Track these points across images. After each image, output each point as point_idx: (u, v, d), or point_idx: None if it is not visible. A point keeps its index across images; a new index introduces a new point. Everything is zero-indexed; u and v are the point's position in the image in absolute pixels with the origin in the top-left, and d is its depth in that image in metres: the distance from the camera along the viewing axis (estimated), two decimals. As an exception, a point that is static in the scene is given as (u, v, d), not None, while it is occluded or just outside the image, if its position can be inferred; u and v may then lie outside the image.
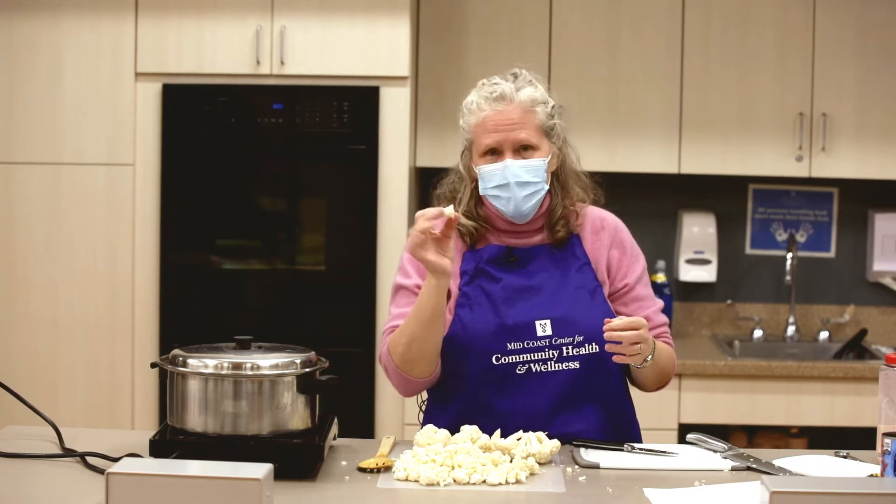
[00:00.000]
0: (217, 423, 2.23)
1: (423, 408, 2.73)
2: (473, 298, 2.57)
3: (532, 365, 2.52)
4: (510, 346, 2.52)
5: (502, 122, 2.54)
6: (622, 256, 2.64)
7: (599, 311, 2.56)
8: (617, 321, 2.40)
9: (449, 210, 2.40)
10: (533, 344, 2.52)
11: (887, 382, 2.31)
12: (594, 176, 2.71)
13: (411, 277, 2.58)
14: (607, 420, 2.57)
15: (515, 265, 2.59)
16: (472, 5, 4.46)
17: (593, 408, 2.55)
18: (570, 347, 2.53)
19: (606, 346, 2.41)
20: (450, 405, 2.57)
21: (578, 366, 2.53)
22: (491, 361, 2.52)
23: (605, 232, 2.65)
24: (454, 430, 2.41)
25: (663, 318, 2.67)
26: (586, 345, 2.53)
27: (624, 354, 2.41)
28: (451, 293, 2.58)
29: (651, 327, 2.57)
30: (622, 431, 2.60)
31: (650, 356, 2.47)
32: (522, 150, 2.55)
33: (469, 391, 2.54)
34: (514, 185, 2.53)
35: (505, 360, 2.52)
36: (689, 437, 2.51)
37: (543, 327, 2.53)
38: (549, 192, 2.60)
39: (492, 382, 2.52)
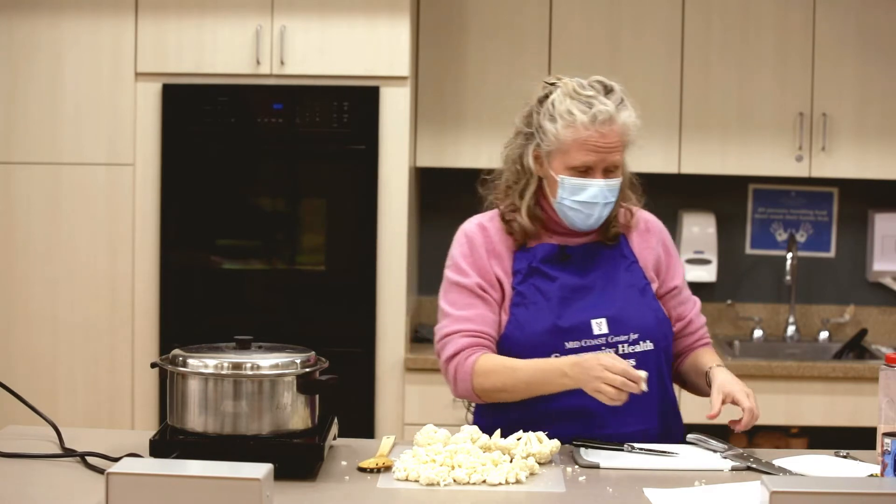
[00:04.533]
0: (217, 423, 2.23)
1: (472, 409, 2.71)
2: (529, 297, 2.56)
3: None
4: (568, 346, 2.51)
5: (604, 145, 2.52)
6: (669, 259, 2.69)
7: (650, 309, 2.59)
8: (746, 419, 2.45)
9: (643, 377, 2.38)
10: (590, 343, 2.52)
11: (887, 382, 2.31)
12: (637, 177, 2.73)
13: (470, 276, 2.56)
14: (661, 418, 2.57)
15: (568, 263, 2.59)
16: (472, 5, 4.46)
17: (649, 406, 2.53)
18: (625, 345, 2.54)
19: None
20: (505, 407, 2.54)
21: (635, 363, 2.50)
22: None
23: (651, 234, 2.70)
24: (507, 433, 2.38)
25: (704, 319, 2.73)
26: (641, 342, 2.55)
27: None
28: (506, 293, 2.57)
29: (695, 329, 2.69)
30: (673, 430, 2.60)
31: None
32: (610, 170, 2.56)
33: None
34: (602, 204, 2.55)
35: None
36: (689, 437, 2.51)
37: (599, 325, 2.53)
38: None
39: None
